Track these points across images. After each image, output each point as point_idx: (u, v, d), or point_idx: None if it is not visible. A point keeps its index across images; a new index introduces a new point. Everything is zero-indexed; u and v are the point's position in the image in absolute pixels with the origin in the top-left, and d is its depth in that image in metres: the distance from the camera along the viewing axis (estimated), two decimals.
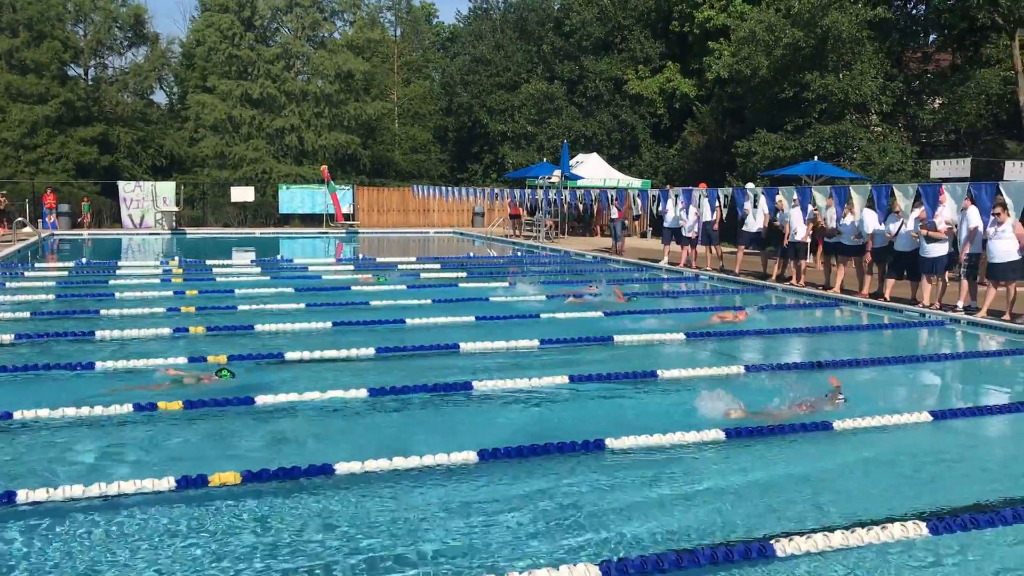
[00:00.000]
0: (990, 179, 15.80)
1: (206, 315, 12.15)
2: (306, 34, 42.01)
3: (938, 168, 20.41)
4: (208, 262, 19.69)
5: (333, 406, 7.41)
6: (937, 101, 27.81)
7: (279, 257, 22.19)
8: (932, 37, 29.66)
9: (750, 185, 19.09)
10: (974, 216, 12.66)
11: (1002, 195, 11.69)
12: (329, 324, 11.39)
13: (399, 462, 5.81)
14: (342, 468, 5.69)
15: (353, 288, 15.25)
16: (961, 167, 19.52)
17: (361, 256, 23.57)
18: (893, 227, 13.95)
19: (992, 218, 12.23)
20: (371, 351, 9.61)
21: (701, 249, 19.58)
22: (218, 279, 16.79)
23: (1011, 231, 12.13)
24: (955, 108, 25.53)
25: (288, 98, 40.07)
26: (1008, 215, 12.02)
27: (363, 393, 7.66)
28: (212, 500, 5.27)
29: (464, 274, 18.23)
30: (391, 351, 9.69)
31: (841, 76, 25.71)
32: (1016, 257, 12.23)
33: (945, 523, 4.90)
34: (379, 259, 21.74)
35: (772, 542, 4.60)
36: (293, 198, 35.82)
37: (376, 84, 44.21)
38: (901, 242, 13.82)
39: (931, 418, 7.21)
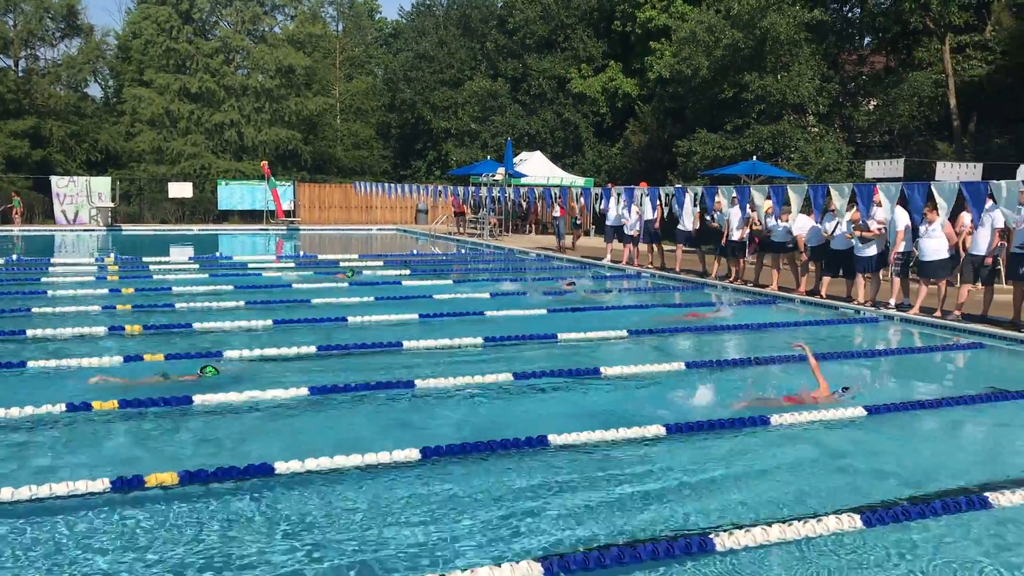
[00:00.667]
0: (922, 179, 16.23)
1: (143, 313, 11.91)
2: (246, 28, 41.41)
3: (872, 168, 20.89)
4: (145, 259, 19.30)
5: (273, 405, 7.32)
6: (871, 103, 28.45)
7: (218, 254, 21.85)
8: (867, 40, 30.36)
9: (673, 188, 19.33)
10: (901, 217, 13.02)
11: (934, 194, 12.00)
12: (270, 322, 11.25)
13: (340, 460, 5.76)
14: (282, 467, 5.63)
15: (294, 286, 15.07)
16: (894, 167, 20.00)
17: (302, 253, 23.33)
18: (829, 226, 14.25)
19: (921, 217, 12.57)
20: (312, 349, 9.51)
21: (643, 247, 19.77)
22: (155, 277, 16.47)
23: (940, 230, 12.47)
24: (889, 110, 26.14)
25: (228, 93, 39.45)
26: (937, 215, 12.36)
27: (304, 392, 7.58)
28: (149, 502, 5.16)
29: (407, 271, 18.15)
30: (333, 349, 9.60)
31: (779, 77, 26.15)
32: (945, 255, 12.59)
33: (878, 515, 5.02)
34: (320, 256, 21.54)
35: (712, 536, 4.66)
36: (232, 194, 35.27)
37: (318, 79, 43.76)
38: (836, 241, 14.12)
39: (865, 413, 7.38)
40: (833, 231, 14.14)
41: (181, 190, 34.31)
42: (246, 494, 5.34)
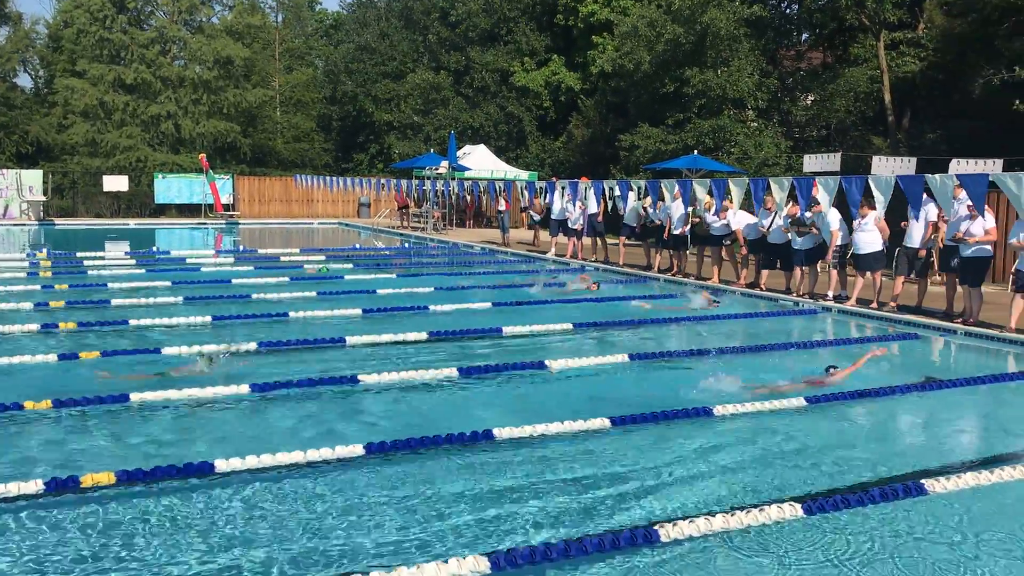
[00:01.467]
0: (858, 173, 16.57)
1: (76, 310, 11.61)
2: (183, 18, 40.56)
3: (810, 162, 21.25)
4: (79, 254, 18.81)
5: (213, 402, 7.18)
6: (809, 98, 28.92)
7: (155, 249, 21.41)
8: (804, 36, 30.83)
9: (616, 182, 19.47)
10: (834, 217, 13.32)
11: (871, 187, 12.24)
12: (208, 318, 11.04)
13: (283, 458, 5.68)
14: (223, 466, 5.53)
15: (234, 282, 14.82)
16: (832, 161, 20.37)
17: (242, 248, 22.98)
18: (766, 222, 14.48)
19: (856, 211, 12.86)
20: (253, 346, 9.36)
21: (587, 241, 19.87)
22: (90, 272, 16.06)
23: (872, 223, 12.76)
24: (826, 105, 26.61)
25: (164, 84, 38.61)
26: (870, 209, 12.64)
27: (245, 389, 7.46)
28: (85, 503, 5.03)
29: (350, 266, 17.98)
30: (274, 345, 9.47)
31: (719, 72, 26.45)
32: (879, 248, 12.88)
33: (819, 503, 5.11)
34: (261, 251, 21.23)
35: (656, 527, 4.69)
36: (170, 188, 34.54)
37: (257, 71, 43.06)
38: (774, 235, 14.37)
39: (805, 403, 7.51)
40: (770, 226, 14.37)
41: (116, 183, 33.51)
42: (186, 493, 5.23)
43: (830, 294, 13.46)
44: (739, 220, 15.17)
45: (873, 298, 12.93)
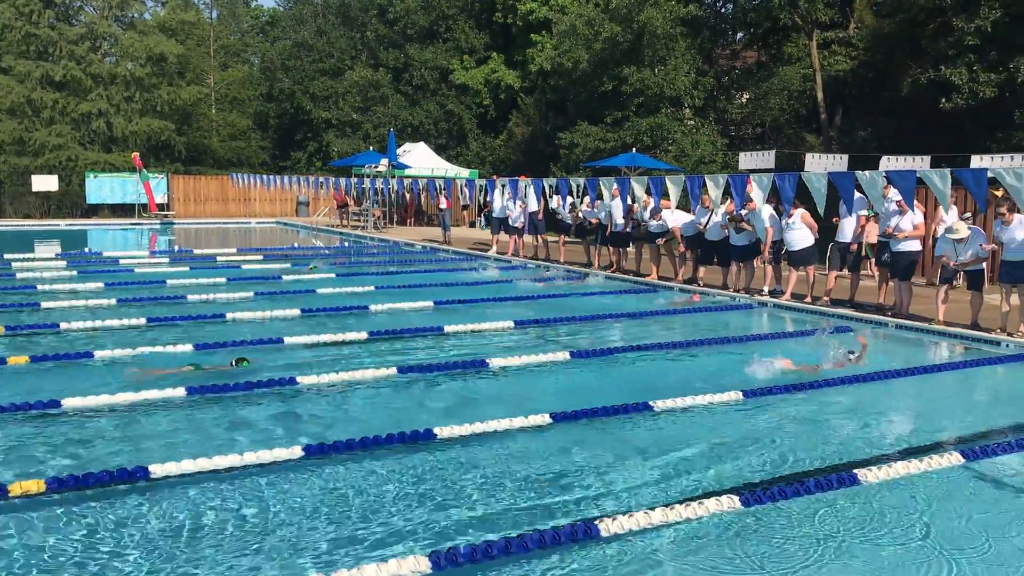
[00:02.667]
0: (792, 170, 16.89)
1: (5, 313, 11.26)
2: (113, 14, 39.57)
3: (746, 160, 21.61)
4: (7, 256, 18.26)
5: (148, 406, 7.03)
6: (744, 96, 29.40)
7: (87, 250, 20.89)
8: (739, 35, 31.33)
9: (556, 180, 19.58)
10: (766, 213, 13.57)
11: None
12: (143, 320, 10.81)
13: (219, 461, 5.58)
14: (158, 470, 5.41)
15: (169, 283, 14.53)
16: (766, 159, 20.73)
17: (177, 248, 22.55)
18: (703, 219, 14.69)
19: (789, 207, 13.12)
20: (189, 348, 9.19)
21: (528, 238, 19.92)
22: (18, 275, 15.59)
23: (800, 221, 13.02)
24: (760, 103, 27.09)
25: (95, 81, 37.61)
26: (798, 206, 12.90)
27: (181, 392, 7.32)
28: (13, 511, 4.88)
29: (288, 265, 17.76)
30: (211, 347, 9.30)
31: (656, 71, 26.72)
32: (811, 244, 13.16)
33: (756, 495, 5.20)
34: (197, 251, 20.86)
35: (597, 523, 4.72)
36: (102, 187, 33.70)
37: (191, 68, 42.23)
38: (711, 232, 14.58)
39: (742, 396, 7.64)
40: (707, 223, 14.58)
41: (46, 183, 32.59)
42: (121, 499, 5.11)
43: (765, 289, 13.69)
44: (676, 218, 15.36)
45: (807, 292, 13.19)
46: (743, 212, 13.75)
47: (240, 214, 36.03)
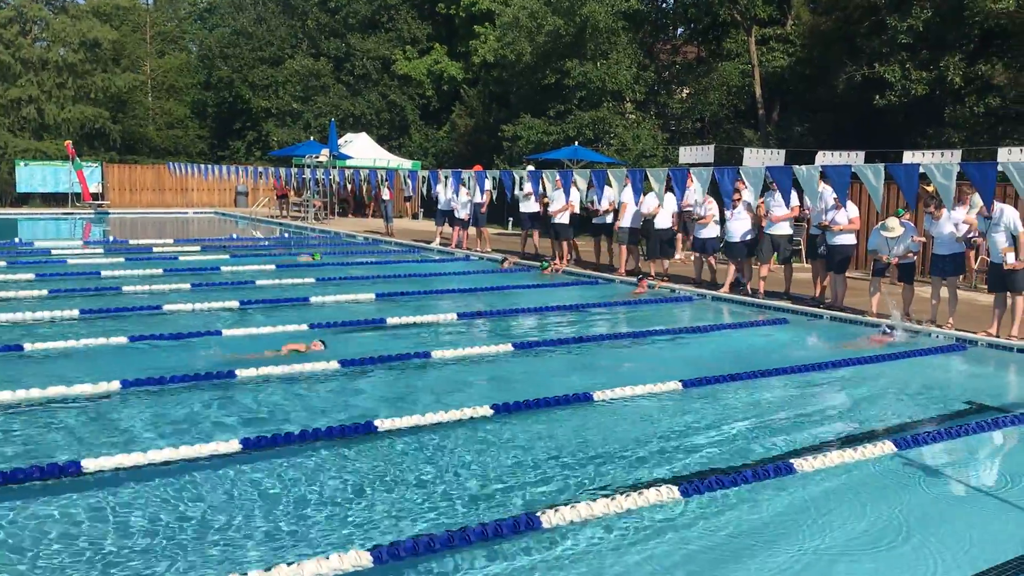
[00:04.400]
0: (731, 164, 17.12)
1: None
2: None
3: (686, 154, 21.84)
4: None
5: (81, 400, 6.86)
6: (685, 91, 29.70)
7: (17, 240, 20.29)
8: (680, 30, 31.61)
9: (530, 168, 19.59)
10: (712, 205, 13.82)
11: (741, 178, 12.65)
12: (76, 312, 10.54)
13: (154, 455, 5.47)
14: (90, 465, 5.29)
15: (104, 274, 14.20)
16: (706, 153, 20.98)
17: (112, 238, 22.04)
18: (654, 209, 14.91)
19: (729, 200, 13.30)
20: (124, 340, 9.00)
21: (472, 231, 19.89)
22: None
23: (745, 212, 13.23)
24: (700, 98, 27.39)
25: (25, 67, 36.45)
26: (740, 199, 13.10)
27: (115, 386, 7.15)
28: None
29: (227, 256, 17.48)
30: (147, 339, 9.12)
31: (598, 65, 26.84)
32: (750, 236, 13.38)
33: (695, 485, 5.27)
34: (132, 241, 20.42)
35: (539, 514, 4.74)
36: (33, 176, 32.74)
37: (126, 54, 41.19)
38: (659, 222, 14.83)
39: (681, 386, 7.74)
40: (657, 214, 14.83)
41: None
42: (52, 495, 4.98)
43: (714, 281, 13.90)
44: (629, 215, 15.54)
45: (749, 283, 13.42)
46: (696, 205, 14.02)
47: (177, 204, 35.35)
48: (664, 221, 14.89)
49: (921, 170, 9.98)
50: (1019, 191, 8.87)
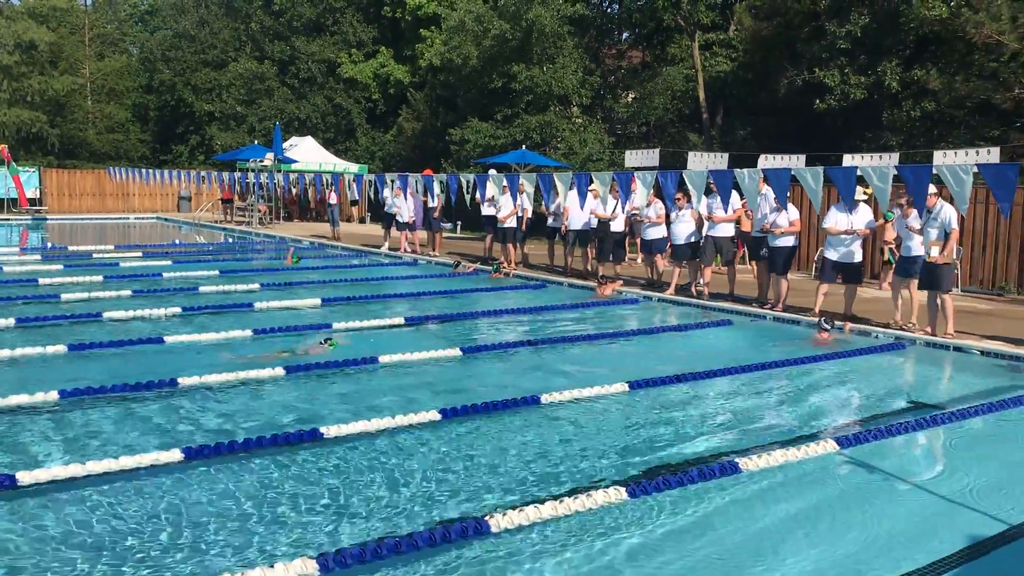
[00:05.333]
0: (675, 168, 17.31)
1: None
2: None
3: (631, 158, 22.01)
4: None
5: (19, 411, 6.68)
6: (630, 95, 29.95)
7: None
8: (625, 35, 31.88)
9: (492, 172, 19.56)
10: (653, 209, 13.97)
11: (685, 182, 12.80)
12: (12, 321, 10.27)
13: (93, 466, 5.35)
14: (26, 477, 5.16)
15: (42, 282, 13.86)
16: (651, 157, 21.18)
17: (50, 245, 21.54)
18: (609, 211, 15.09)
19: (673, 204, 13.46)
20: (62, 348, 8.80)
21: (422, 234, 19.84)
22: None
23: (689, 215, 13.39)
24: (645, 102, 27.63)
25: None
26: (686, 202, 13.26)
27: (54, 396, 6.99)
28: None
29: (169, 262, 17.19)
30: (86, 348, 8.92)
31: (545, 69, 26.94)
32: (695, 239, 13.54)
33: (642, 486, 5.31)
34: (72, 248, 19.98)
35: (487, 519, 4.74)
36: None
37: (64, 57, 40.31)
38: (617, 225, 15.03)
39: (628, 388, 7.79)
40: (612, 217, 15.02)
41: None
42: None
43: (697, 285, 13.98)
44: (575, 216, 15.66)
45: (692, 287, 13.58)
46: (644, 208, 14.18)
47: (118, 209, 34.70)
48: (618, 224, 15.10)
49: (859, 173, 10.19)
50: (952, 193, 9.10)
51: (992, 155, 15.13)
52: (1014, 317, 12.33)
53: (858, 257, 11.69)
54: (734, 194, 12.68)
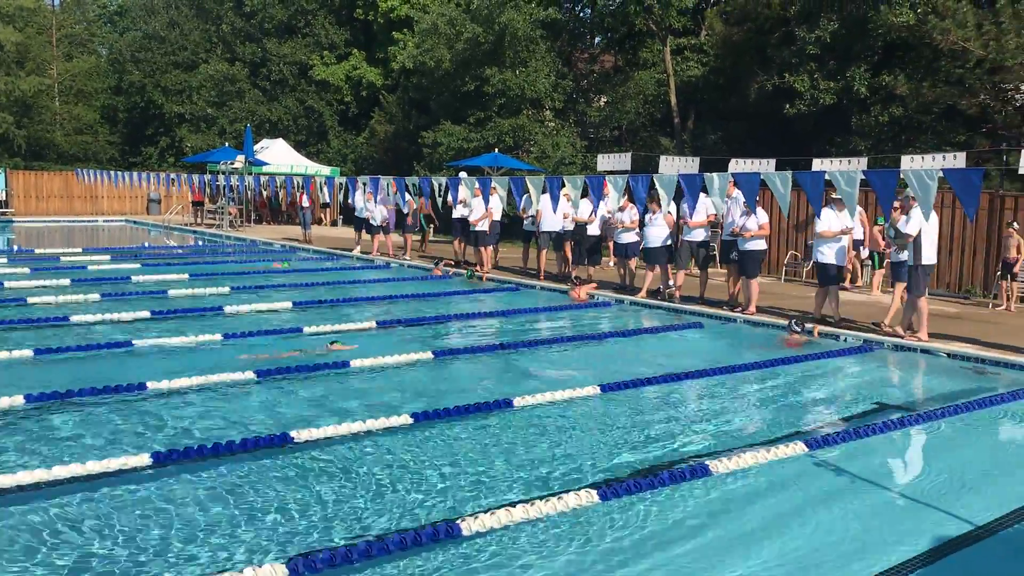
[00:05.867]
0: (647, 172, 17.39)
1: None
2: None
3: (603, 161, 22.09)
4: None
5: None
6: (602, 99, 30.04)
7: None
8: (597, 40, 31.98)
9: (464, 175, 19.56)
10: (627, 214, 14.07)
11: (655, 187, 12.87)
12: None
13: (60, 471, 5.29)
14: None
15: (8, 285, 13.67)
16: (623, 161, 21.26)
17: (16, 248, 21.25)
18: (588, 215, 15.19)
19: (645, 208, 13.51)
20: (29, 353, 8.68)
21: (397, 238, 19.79)
22: None
23: (662, 219, 13.46)
24: (617, 107, 27.73)
25: None
26: (659, 206, 13.31)
27: (20, 400, 6.89)
28: None
29: (138, 265, 17.02)
30: (53, 352, 8.81)
31: (517, 72, 26.97)
32: (668, 242, 13.62)
33: (613, 489, 5.32)
34: (39, 250, 19.72)
35: (459, 522, 4.73)
36: None
37: (31, 57, 39.80)
38: (594, 228, 15.10)
39: (600, 391, 7.82)
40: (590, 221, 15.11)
41: None
42: None
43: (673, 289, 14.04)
44: (547, 219, 15.68)
45: (663, 288, 13.65)
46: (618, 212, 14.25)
47: (86, 212, 34.35)
48: (594, 228, 15.19)
49: (827, 177, 10.29)
50: (916, 196, 9.22)
51: (958, 160, 15.34)
52: (980, 320, 12.51)
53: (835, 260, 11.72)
54: (707, 201, 12.77)
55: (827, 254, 11.71)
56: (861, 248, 15.45)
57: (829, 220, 11.63)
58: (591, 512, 5.10)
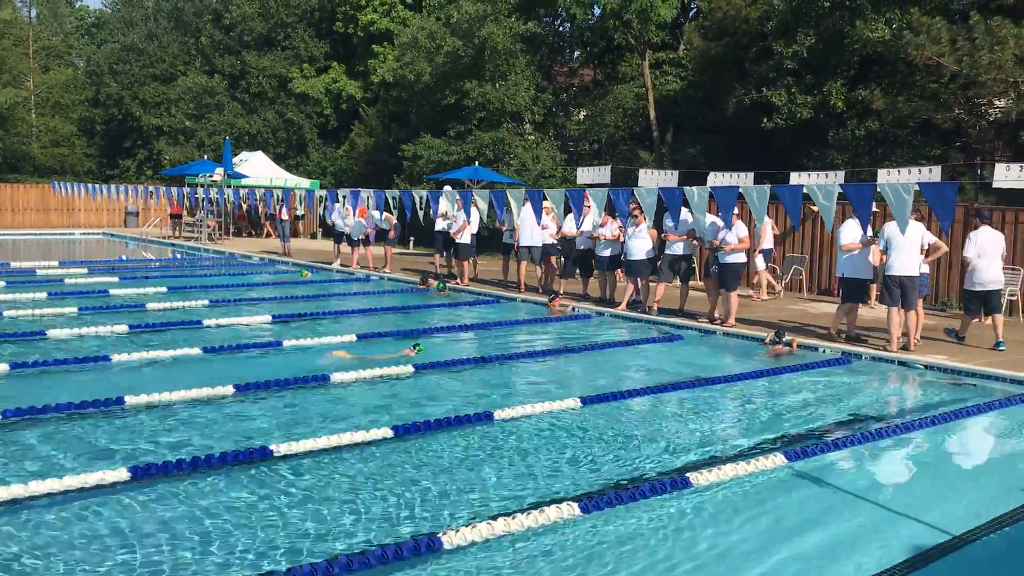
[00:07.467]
0: (627, 185, 17.48)
1: None
2: None
3: (584, 175, 22.19)
4: None
5: None
6: (582, 113, 30.19)
7: None
8: (577, 53, 32.16)
9: (448, 188, 19.56)
10: (608, 229, 14.14)
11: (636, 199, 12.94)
12: None
13: (36, 487, 5.23)
14: None
15: None
16: (603, 174, 21.36)
17: None
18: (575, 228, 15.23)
19: (630, 220, 13.56)
20: (4, 367, 8.59)
21: (377, 251, 19.76)
22: None
23: (645, 232, 13.52)
24: (597, 120, 27.87)
25: None
26: (644, 218, 13.37)
27: None
28: None
29: (116, 279, 16.89)
30: (29, 366, 8.73)
31: (497, 86, 27.07)
32: (652, 255, 13.67)
33: (594, 502, 5.32)
34: (14, 264, 19.53)
35: (440, 535, 4.72)
36: None
37: (7, 69, 39.50)
38: (581, 241, 15.16)
39: (580, 404, 7.83)
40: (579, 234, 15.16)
41: None
42: None
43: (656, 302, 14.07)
44: (527, 232, 15.76)
45: (644, 303, 13.69)
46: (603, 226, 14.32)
47: (63, 225, 34.07)
48: (582, 241, 15.22)
49: (805, 191, 10.38)
50: (892, 211, 9.31)
51: (934, 174, 15.52)
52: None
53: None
54: (689, 216, 12.82)
55: (853, 268, 11.29)
56: (771, 258, 15.84)
57: (852, 233, 11.15)
58: (572, 524, 5.10)
